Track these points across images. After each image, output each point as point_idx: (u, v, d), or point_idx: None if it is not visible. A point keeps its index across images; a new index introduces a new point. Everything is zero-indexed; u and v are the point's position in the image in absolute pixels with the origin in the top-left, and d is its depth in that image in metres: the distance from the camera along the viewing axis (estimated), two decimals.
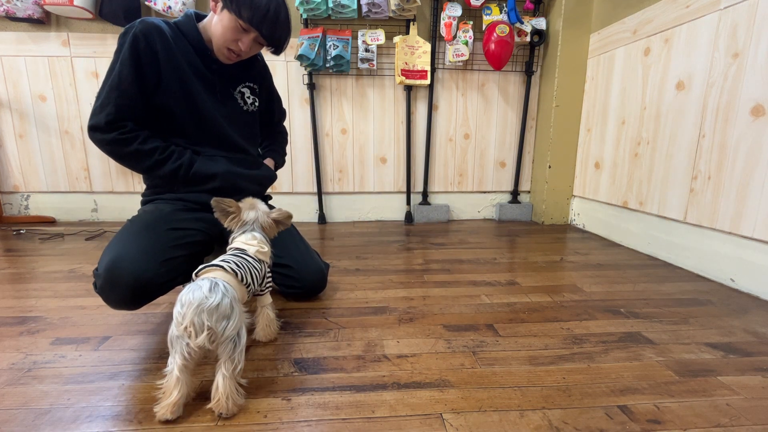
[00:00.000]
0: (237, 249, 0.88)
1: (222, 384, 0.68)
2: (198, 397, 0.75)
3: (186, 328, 0.65)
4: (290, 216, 0.99)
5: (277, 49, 1.07)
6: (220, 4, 0.98)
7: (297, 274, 1.15)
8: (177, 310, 0.66)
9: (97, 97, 0.98)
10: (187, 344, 0.65)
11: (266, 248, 0.92)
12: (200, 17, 1.09)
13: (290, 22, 1.06)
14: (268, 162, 1.30)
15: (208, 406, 0.70)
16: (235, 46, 1.02)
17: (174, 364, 0.67)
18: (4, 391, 0.77)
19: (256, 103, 1.21)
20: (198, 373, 0.83)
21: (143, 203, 1.13)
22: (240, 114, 1.17)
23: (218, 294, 0.68)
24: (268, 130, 1.36)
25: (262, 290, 0.92)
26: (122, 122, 0.98)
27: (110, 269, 0.88)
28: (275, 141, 1.38)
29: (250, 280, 0.82)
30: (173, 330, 0.66)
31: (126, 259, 0.89)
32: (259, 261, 0.88)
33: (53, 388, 0.78)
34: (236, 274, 0.78)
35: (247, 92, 1.17)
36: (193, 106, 1.06)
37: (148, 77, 0.99)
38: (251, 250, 0.88)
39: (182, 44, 1.03)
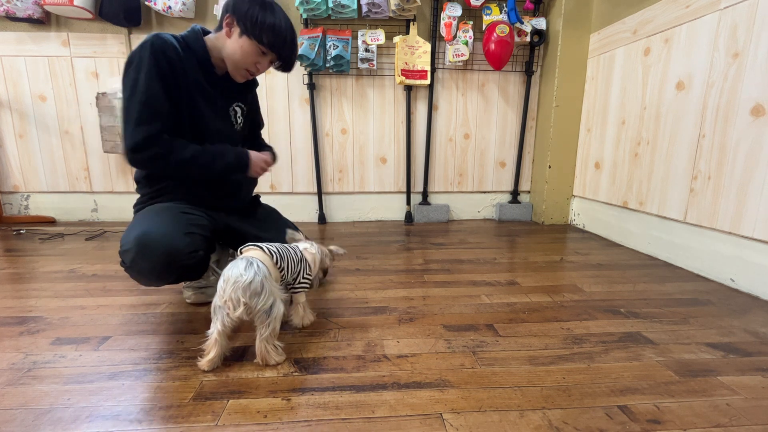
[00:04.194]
0: (294, 243, 1.04)
1: (258, 345, 0.84)
2: (198, 397, 0.75)
3: (226, 301, 0.78)
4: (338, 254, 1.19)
5: (289, 68, 1.14)
6: (237, 30, 1.03)
7: None
8: (220, 285, 0.80)
9: (127, 116, 0.98)
10: (227, 314, 0.79)
11: (314, 251, 1.06)
12: (205, 32, 1.12)
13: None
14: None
15: (254, 360, 0.86)
16: (254, 68, 1.09)
17: (215, 328, 0.81)
18: (4, 391, 0.77)
19: (242, 123, 1.26)
20: (193, 376, 0.83)
21: (137, 210, 1.13)
22: (231, 130, 1.21)
23: (251, 273, 0.79)
24: (251, 139, 1.37)
25: (295, 287, 0.98)
26: (159, 136, 1.00)
27: (141, 240, 0.92)
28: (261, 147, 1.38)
29: (284, 266, 0.92)
30: (216, 300, 0.80)
31: (154, 231, 0.94)
32: (302, 258, 0.99)
33: (53, 388, 0.78)
34: (272, 256, 0.89)
35: (238, 111, 1.22)
36: (198, 119, 1.09)
37: (170, 89, 1.02)
38: (300, 247, 1.03)
39: (190, 59, 1.05)
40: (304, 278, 0.98)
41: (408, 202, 2.49)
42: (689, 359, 0.90)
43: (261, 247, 0.90)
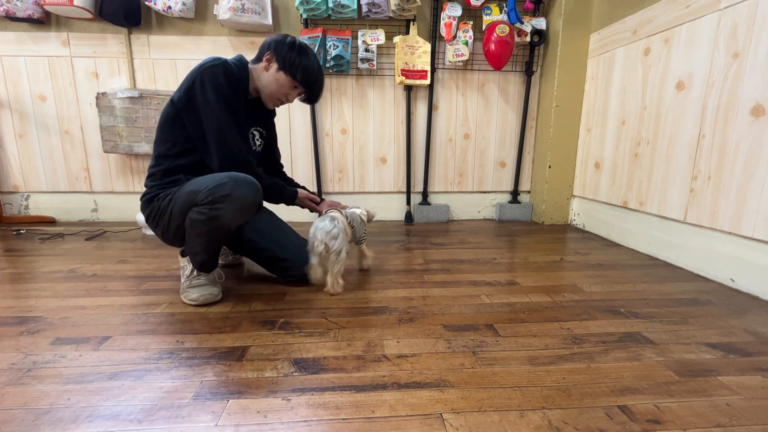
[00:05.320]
0: (352, 210, 1.40)
1: (330, 279, 1.24)
2: (198, 397, 0.75)
3: (314, 242, 1.20)
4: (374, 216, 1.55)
5: (314, 101, 1.36)
6: (275, 66, 1.23)
7: (294, 265, 1.32)
8: (311, 232, 1.22)
9: (219, 133, 1.15)
10: (316, 251, 1.21)
11: (365, 214, 1.44)
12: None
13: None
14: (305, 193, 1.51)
15: (324, 290, 1.27)
16: (284, 98, 1.30)
17: (313, 260, 1.24)
18: (4, 391, 0.77)
19: (261, 146, 1.41)
20: (193, 376, 0.83)
21: (150, 198, 1.21)
22: (250, 150, 1.34)
23: (332, 225, 1.21)
24: (276, 169, 1.57)
25: (358, 240, 1.40)
26: (247, 154, 1.22)
27: (232, 175, 1.08)
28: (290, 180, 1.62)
29: (355, 225, 1.34)
30: (309, 242, 1.23)
31: (235, 174, 1.10)
32: (362, 221, 1.40)
33: (53, 388, 0.78)
34: (346, 217, 1.31)
35: (256, 135, 1.37)
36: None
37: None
38: (357, 212, 1.40)
39: (236, 84, 1.21)
40: (364, 233, 1.41)
41: (408, 202, 2.49)
42: (689, 359, 0.90)
43: (340, 211, 1.31)
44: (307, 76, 1.24)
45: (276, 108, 1.41)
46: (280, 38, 1.23)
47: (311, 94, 1.30)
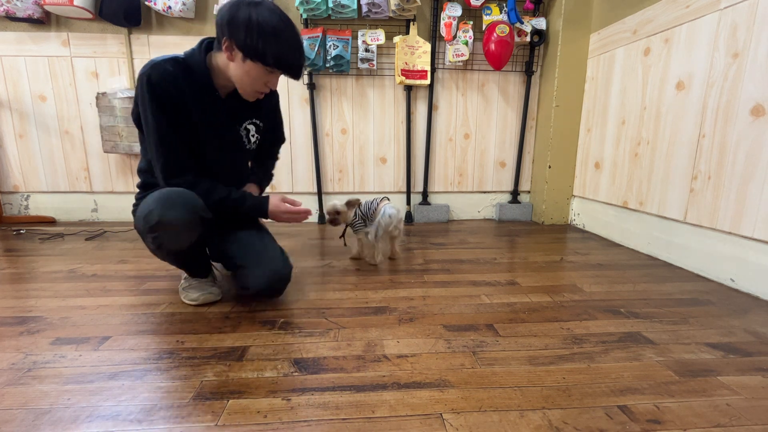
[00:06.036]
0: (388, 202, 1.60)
1: (394, 247, 1.65)
2: (198, 397, 0.75)
3: (387, 225, 1.48)
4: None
5: (298, 75, 1.08)
6: (239, 55, 0.99)
7: (249, 272, 1.12)
8: (385, 218, 1.47)
9: (150, 151, 1.05)
10: (385, 231, 1.50)
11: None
12: (210, 46, 1.09)
13: (303, 44, 1.08)
14: (253, 188, 1.31)
15: (389, 257, 1.65)
16: (264, 88, 1.07)
17: (379, 241, 1.52)
18: (4, 391, 0.77)
19: (258, 141, 1.24)
20: (193, 376, 0.83)
21: (133, 213, 1.16)
22: (237, 152, 1.20)
23: (398, 211, 1.52)
24: (263, 154, 1.37)
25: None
26: (182, 172, 1.06)
27: (162, 199, 0.97)
28: (263, 166, 1.39)
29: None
30: (379, 224, 1.48)
31: (170, 192, 1.00)
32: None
33: (53, 388, 0.78)
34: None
35: (252, 129, 1.20)
36: (198, 143, 1.11)
37: (174, 118, 1.04)
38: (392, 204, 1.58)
39: (192, 84, 1.05)
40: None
41: (408, 202, 2.49)
42: (689, 359, 0.90)
43: (388, 199, 1.58)
44: (278, 52, 0.98)
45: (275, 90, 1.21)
46: (232, 13, 0.95)
47: (290, 72, 1.04)
